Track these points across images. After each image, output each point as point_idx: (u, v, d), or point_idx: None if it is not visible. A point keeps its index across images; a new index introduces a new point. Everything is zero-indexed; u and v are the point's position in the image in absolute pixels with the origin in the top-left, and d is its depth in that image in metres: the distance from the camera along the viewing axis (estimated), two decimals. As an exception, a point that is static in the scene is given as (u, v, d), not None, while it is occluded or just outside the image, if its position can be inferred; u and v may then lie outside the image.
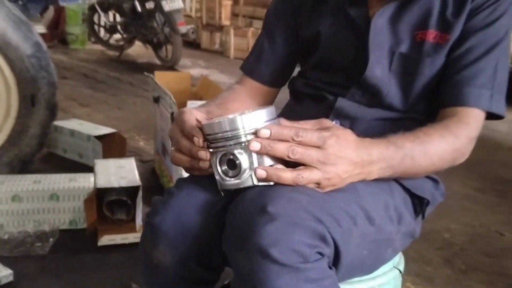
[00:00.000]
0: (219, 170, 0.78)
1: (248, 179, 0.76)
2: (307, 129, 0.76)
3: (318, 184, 0.76)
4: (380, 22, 0.94)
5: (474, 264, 1.81)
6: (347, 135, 0.78)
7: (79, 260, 1.66)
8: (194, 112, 0.85)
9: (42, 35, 2.01)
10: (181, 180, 0.91)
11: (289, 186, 0.77)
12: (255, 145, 0.73)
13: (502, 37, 0.92)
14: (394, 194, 0.93)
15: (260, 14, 6.65)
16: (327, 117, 0.95)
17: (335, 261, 0.78)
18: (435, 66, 0.93)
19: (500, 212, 2.29)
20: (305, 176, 0.74)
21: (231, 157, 0.76)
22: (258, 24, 6.50)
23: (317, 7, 1.05)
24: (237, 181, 0.77)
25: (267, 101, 1.11)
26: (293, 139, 0.73)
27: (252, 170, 0.75)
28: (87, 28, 6.25)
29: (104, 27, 6.00)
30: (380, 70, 0.94)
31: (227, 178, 0.77)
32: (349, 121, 0.96)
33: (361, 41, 0.96)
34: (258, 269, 0.69)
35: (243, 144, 0.75)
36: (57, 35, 6.31)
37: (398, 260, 1.12)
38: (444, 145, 0.87)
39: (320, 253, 0.72)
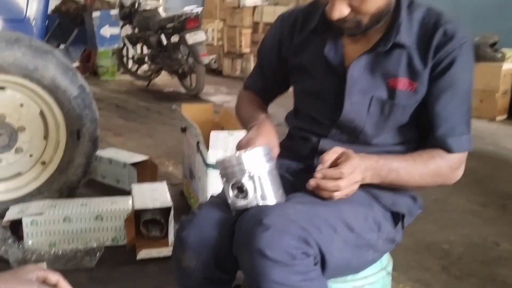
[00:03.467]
0: (231, 195, 1.04)
1: (253, 200, 1.02)
2: (345, 166, 1.04)
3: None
4: (356, 71, 1.15)
5: (469, 271, 2.01)
6: (353, 161, 1.05)
7: (122, 271, 1.93)
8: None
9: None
10: (202, 204, 1.18)
11: (282, 203, 1.05)
12: (312, 184, 1.06)
13: (468, 89, 1.13)
14: (374, 208, 1.18)
15: (279, 40, 6.96)
16: (313, 153, 1.21)
17: (322, 261, 1.03)
18: (407, 110, 1.15)
19: (499, 224, 2.47)
20: (338, 195, 1.06)
21: (240, 184, 1.02)
22: (277, 51, 6.79)
23: (301, 44, 1.25)
24: (245, 202, 1.03)
25: (264, 104, 1.40)
26: (340, 177, 1.04)
27: (256, 193, 1.02)
28: (116, 60, 6.66)
29: (133, 59, 6.37)
30: (355, 113, 1.16)
31: (237, 200, 1.03)
32: None
33: (339, 85, 1.17)
34: (258, 265, 0.95)
35: (249, 174, 1.01)
36: (88, 67, 6.75)
37: (387, 263, 1.35)
38: (426, 169, 1.12)
39: (306, 253, 0.97)
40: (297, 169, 1.28)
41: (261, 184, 1.02)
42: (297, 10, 1.31)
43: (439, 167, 1.13)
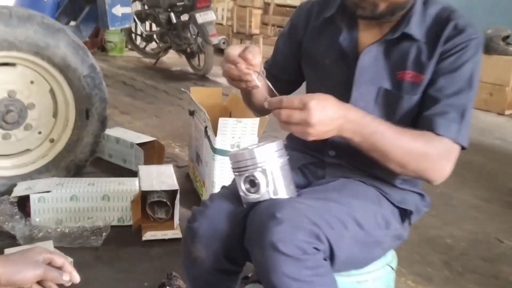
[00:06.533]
0: (243, 188, 1.04)
1: (265, 194, 1.03)
2: (290, 97, 0.98)
3: (301, 133, 0.98)
4: (365, 61, 1.16)
5: (471, 267, 2.03)
6: (328, 97, 1.00)
7: (127, 252, 1.95)
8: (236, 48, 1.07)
9: (83, 42, 2.32)
10: (213, 195, 1.18)
11: (294, 198, 1.05)
12: (265, 104, 1.00)
13: (468, 80, 1.10)
14: (383, 205, 1.19)
15: (289, 23, 6.90)
16: (324, 147, 1.20)
17: (331, 256, 1.04)
18: (412, 102, 1.15)
19: (503, 221, 2.47)
20: (293, 127, 0.97)
21: (252, 178, 1.03)
22: (287, 34, 6.73)
23: (315, 31, 1.28)
24: (257, 195, 1.03)
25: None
26: (281, 106, 0.97)
27: (268, 187, 1.02)
28: (125, 36, 6.61)
29: (141, 36, 6.30)
30: (363, 103, 1.15)
31: (249, 194, 1.04)
32: (343, 150, 1.19)
33: (349, 73, 1.18)
34: (270, 259, 0.96)
35: (261, 169, 1.02)
36: (96, 43, 6.70)
37: (391, 259, 1.36)
38: (413, 143, 1.06)
39: (317, 248, 0.98)
40: (306, 162, 1.28)
41: (273, 178, 1.03)
42: None
43: (428, 147, 1.06)
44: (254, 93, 1.26)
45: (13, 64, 2.18)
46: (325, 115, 0.96)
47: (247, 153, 1.03)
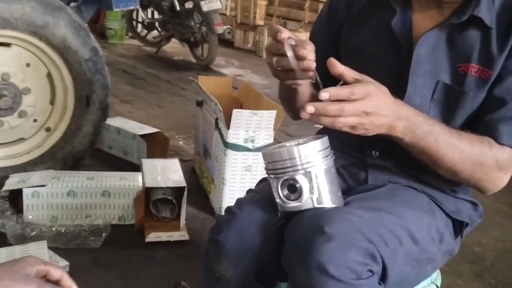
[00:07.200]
0: (281, 194, 0.87)
1: (308, 202, 0.85)
2: (357, 86, 0.82)
3: (352, 127, 0.83)
4: (423, 49, 0.98)
5: (504, 280, 1.87)
6: (385, 90, 0.86)
7: (129, 254, 1.78)
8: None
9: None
10: (241, 201, 1.00)
11: (342, 208, 0.87)
12: (310, 109, 0.79)
13: None
14: (436, 217, 1.02)
15: (295, 15, 6.69)
16: (365, 145, 1.03)
17: (383, 277, 0.87)
18: (477, 100, 0.97)
19: (531, 229, 2.32)
20: (341, 121, 0.81)
21: (292, 182, 0.85)
22: (292, 25, 6.54)
23: (360, 13, 1.10)
24: (298, 203, 0.86)
25: None
26: (349, 98, 0.80)
27: (312, 193, 0.85)
28: (126, 23, 6.41)
29: (143, 24, 6.11)
30: (420, 99, 0.98)
31: (288, 201, 0.86)
32: (388, 150, 1.01)
33: (402, 64, 1.01)
34: (317, 283, 0.78)
35: (303, 170, 0.84)
36: (96, 29, 6.48)
37: (436, 276, 1.19)
38: (470, 150, 0.91)
39: (371, 271, 0.81)
40: (345, 163, 1.10)
41: (318, 183, 0.85)
42: None
43: (485, 155, 0.92)
44: (300, 93, 1.06)
45: (7, 44, 2.03)
46: (382, 105, 0.83)
47: (286, 152, 0.85)
